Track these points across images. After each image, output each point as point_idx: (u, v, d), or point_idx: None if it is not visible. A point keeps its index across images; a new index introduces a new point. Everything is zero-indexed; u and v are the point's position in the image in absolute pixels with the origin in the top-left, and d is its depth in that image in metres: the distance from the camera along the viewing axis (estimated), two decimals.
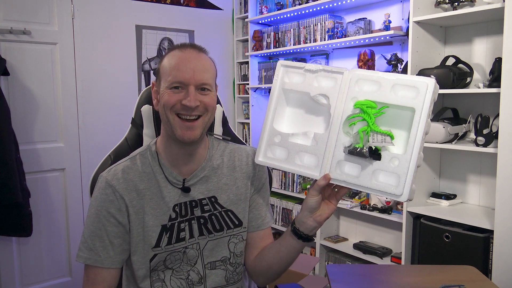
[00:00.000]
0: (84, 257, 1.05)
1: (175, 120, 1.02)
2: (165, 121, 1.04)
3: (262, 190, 1.20)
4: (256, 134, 3.48)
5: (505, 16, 1.78)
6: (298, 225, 1.04)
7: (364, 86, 0.97)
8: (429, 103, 0.88)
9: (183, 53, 1.04)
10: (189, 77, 1.01)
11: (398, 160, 0.91)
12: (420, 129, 0.89)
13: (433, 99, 0.90)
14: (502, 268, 1.83)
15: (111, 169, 1.08)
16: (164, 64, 1.05)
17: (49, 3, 2.65)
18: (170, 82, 1.01)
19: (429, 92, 0.88)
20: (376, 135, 0.91)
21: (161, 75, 1.05)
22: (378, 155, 0.92)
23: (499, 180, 1.84)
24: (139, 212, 1.05)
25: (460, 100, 2.28)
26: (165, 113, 1.03)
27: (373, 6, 2.75)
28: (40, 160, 2.65)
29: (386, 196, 0.92)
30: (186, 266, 1.09)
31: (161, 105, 1.04)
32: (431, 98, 0.88)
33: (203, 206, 1.11)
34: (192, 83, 1.01)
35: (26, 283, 2.64)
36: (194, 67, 1.02)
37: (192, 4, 3.36)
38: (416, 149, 0.89)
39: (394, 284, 1.16)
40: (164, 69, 1.04)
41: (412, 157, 0.90)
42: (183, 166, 1.10)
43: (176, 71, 1.01)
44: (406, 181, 0.90)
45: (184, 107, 1.00)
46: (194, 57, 1.04)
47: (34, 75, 2.61)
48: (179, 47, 1.06)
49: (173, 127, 1.02)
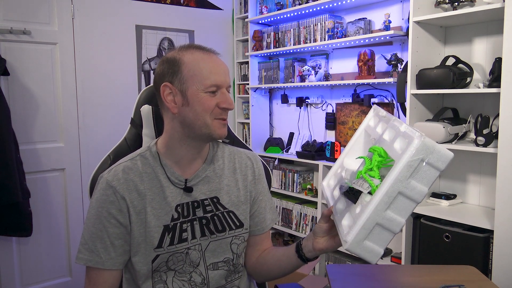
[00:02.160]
0: (85, 259, 1.04)
1: (214, 122, 1.04)
2: (201, 124, 1.03)
3: (263, 193, 1.22)
4: (256, 134, 3.48)
5: (505, 16, 1.78)
6: (303, 244, 1.08)
7: None
8: (408, 160, 0.77)
9: (210, 56, 1.06)
10: (224, 80, 1.05)
11: (361, 207, 0.86)
12: (388, 183, 0.79)
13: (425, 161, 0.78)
14: (502, 268, 1.83)
15: (111, 169, 1.08)
16: (192, 66, 1.02)
17: (49, 3, 2.65)
18: (208, 85, 1.02)
19: (412, 149, 0.77)
20: (362, 179, 0.87)
21: (191, 77, 1.02)
22: (355, 198, 0.89)
23: (499, 180, 1.84)
24: (141, 213, 1.05)
25: (460, 100, 2.28)
26: (202, 116, 1.03)
27: (373, 6, 2.75)
28: (40, 160, 2.65)
29: (342, 239, 0.88)
30: (189, 267, 1.08)
31: (195, 108, 1.02)
32: (412, 155, 0.77)
33: (205, 206, 1.11)
34: (225, 85, 1.05)
35: (26, 283, 2.64)
36: (225, 69, 1.06)
37: (192, 4, 3.36)
38: (376, 202, 0.80)
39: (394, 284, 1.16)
40: (195, 71, 1.02)
41: (368, 208, 0.81)
42: (187, 166, 1.10)
43: (214, 75, 1.03)
44: (354, 229, 0.83)
45: (224, 109, 1.05)
46: (220, 61, 1.07)
47: (34, 75, 2.61)
48: (200, 48, 1.06)
49: (211, 128, 1.04)
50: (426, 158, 0.77)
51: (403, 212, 0.81)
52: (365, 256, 0.85)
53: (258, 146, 3.48)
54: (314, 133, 3.23)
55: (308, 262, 1.09)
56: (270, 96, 3.58)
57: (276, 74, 3.29)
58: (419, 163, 0.78)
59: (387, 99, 2.69)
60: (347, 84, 2.85)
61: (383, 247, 0.84)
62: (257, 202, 1.19)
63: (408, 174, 0.78)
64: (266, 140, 3.48)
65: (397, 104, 2.60)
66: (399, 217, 0.81)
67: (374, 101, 2.71)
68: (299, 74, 3.09)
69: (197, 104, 1.02)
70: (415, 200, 0.80)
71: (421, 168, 0.78)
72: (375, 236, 0.83)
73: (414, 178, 0.79)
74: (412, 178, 0.78)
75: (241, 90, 3.63)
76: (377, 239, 0.83)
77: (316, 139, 3.19)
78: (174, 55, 1.05)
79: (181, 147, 1.08)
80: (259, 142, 3.50)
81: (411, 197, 0.80)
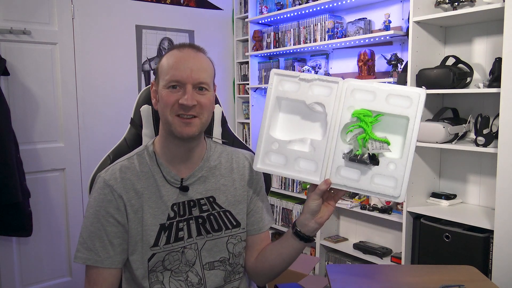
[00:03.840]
0: (84, 258, 1.04)
1: (174, 119, 1.03)
2: (164, 120, 1.05)
3: (261, 193, 1.22)
4: (256, 134, 3.48)
5: (505, 16, 1.78)
6: (300, 227, 1.07)
7: (359, 95, 1.00)
8: (421, 111, 0.95)
9: (181, 52, 1.06)
10: (187, 76, 1.02)
11: (395, 164, 0.97)
12: (414, 136, 0.95)
13: None
14: (502, 268, 1.83)
15: (109, 169, 1.09)
16: (163, 63, 1.06)
17: (49, 3, 2.65)
18: (168, 81, 1.02)
19: (421, 102, 0.96)
20: (375, 142, 0.97)
21: (159, 74, 1.07)
22: (377, 161, 0.97)
23: (499, 180, 1.84)
24: (138, 211, 1.06)
25: (460, 100, 2.28)
26: (164, 112, 1.04)
27: (373, 6, 2.75)
28: (40, 160, 2.65)
29: (385, 198, 0.96)
30: (185, 267, 1.09)
31: (160, 104, 1.06)
32: (423, 107, 0.96)
33: (202, 206, 1.11)
34: (190, 81, 1.02)
35: (26, 283, 2.64)
36: (192, 66, 1.03)
37: (192, 4, 3.36)
38: (411, 154, 0.95)
39: (394, 284, 1.16)
40: (162, 68, 1.05)
41: (407, 161, 0.96)
42: (181, 165, 1.10)
43: (174, 70, 1.02)
44: (403, 183, 0.96)
45: (182, 106, 1.01)
46: (191, 56, 1.05)
47: (34, 75, 2.61)
48: (177, 47, 1.08)
49: (172, 125, 1.03)
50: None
51: None
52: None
53: None
54: None
55: (310, 241, 1.08)
56: None
57: None
58: None
59: None
60: None
61: None
62: (253, 201, 1.19)
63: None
64: None
65: None
66: None
67: None
68: None
69: (161, 100, 1.05)
70: None
71: None
72: None
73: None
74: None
75: (241, 90, 3.63)
76: None
77: None
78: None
79: (169, 145, 1.09)
80: None
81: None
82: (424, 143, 2.16)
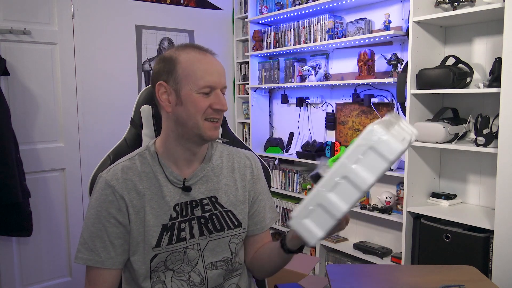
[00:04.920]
0: (84, 258, 1.04)
1: (205, 123, 1.04)
2: (192, 124, 1.03)
3: (263, 192, 1.22)
4: (256, 134, 3.48)
5: (505, 16, 1.78)
6: (288, 241, 1.07)
7: None
8: (357, 143, 0.78)
9: (205, 57, 1.05)
10: (218, 81, 1.04)
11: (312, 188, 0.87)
12: (335, 165, 0.81)
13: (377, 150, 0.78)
14: (502, 268, 1.83)
15: (110, 169, 1.08)
16: (187, 66, 1.02)
17: (49, 3, 2.65)
18: (202, 86, 1.01)
19: (362, 134, 0.78)
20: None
21: (184, 77, 1.02)
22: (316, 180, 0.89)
23: (499, 180, 1.84)
24: (140, 212, 1.05)
25: (460, 100, 2.28)
26: (194, 116, 1.02)
27: (373, 6, 2.75)
28: (40, 160, 2.65)
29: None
30: (187, 267, 1.08)
31: (186, 108, 1.03)
32: (361, 139, 0.78)
33: (204, 206, 1.11)
34: (219, 86, 1.04)
35: (26, 283, 2.64)
36: (219, 70, 1.05)
37: (192, 4, 3.36)
38: (321, 183, 0.83)
39: (394, 284, 1.16)
40: (189, 71, 1.02)
41: (314, 188, 0.85)
42: (185, 166, 1.10)
43: (208, 75, 1.02)
44: (299, 207, 0.87)
45: (217, 110, 1.03)
46: (216, 62, 1.06)
47: (34, 75, 2.61)
48: (195, 49, 1.05)
49: (201, 128, 1.03)
50: (374, 146, 0.77)
51: (346, 198, 0.81)
52: (304, 234, 0.86)
53: (258, 146, 3.48)
54: (314, 133, 3.23)
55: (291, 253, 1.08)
56: (270, 96, 3.58)
57: (276, 74, 3.29)
58: (367, 150, 0.77)
59: (387, 99, 2.69)
60: (347, 84, 2.85)
61: (323, 230, 0.84)
62: (256, 201, 1.20)
63: (354, 158, 0.78)
64: (266, 140, 3.48)
65: (397, 104, 2.60)
66: (341, 202, 0.81)
67: (374, 101, 2.71)
68: (299, 74, 3.09)
69: (190, 105, 1.02)
70: (359, 188, 0.79)
71: (368, 155, 0.77)
72: (316, 217, 0.84)
73: (360, 164, 0.78)
74: (359, 163, 0.78)
75: (241, 90, 3.63)
76: (317, 221, 0.84)
77: (316, 139, 3.19)
78: (170, 54, 1.05)
79: (177, 147, 1.08)
80: (259, 142, 3.50)
81: (355, 183, 0.79)
82: (424, 143, 2.16)
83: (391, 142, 0.76)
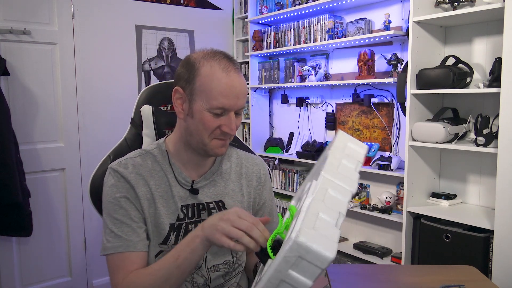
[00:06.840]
0: (115, 246, 1.00)
1: (212, 141, 1.02)
2: (199, 140, 1.03)
3: (269, 198, 1.23)
4: (255, 134, 3.48)
5: (505, 16, 1.78)
6: None
7: None
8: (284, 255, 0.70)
9: (229, 77, 0.99)
10: (234, 103, 1.00)
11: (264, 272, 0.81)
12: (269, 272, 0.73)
13: None
14: (502, 268, 1.83)
15: (121, 161, 1.07)
16: (205, 81, 0.99)
17: (49, 3, 2.65)
18: (215, 107, 0.98)
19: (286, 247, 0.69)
20: None
21: (199, 91, 0.99)
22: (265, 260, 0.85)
23: (499, 180, 1.84)
24: (151, 205, 1.05)
25: (460, 100, 2.28)
26: (201, 133, 1.01)
27: (373, 6, 2.75)
28: (40, 160, 2.65)
29: None
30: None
31: (195, 123, 1.01)
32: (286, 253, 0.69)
33: (211, 210, 1.11)
34: (234, 109, 1.01)
35: (26, 283, 2.64)
36: (238, 93, 1.00)
37: (192, 4, 3.36)
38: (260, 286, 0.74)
39: (394, 284, 1.16)
40: (206, 87, 0.99)
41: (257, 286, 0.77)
42: (194, 168, 1.11)
43: (223, 97, 0.98)
44: None
45: (224, 133, 1.01)
46: (238, 82, 1.01)
47: (34, 75, 2.61)
48: (222, 63, 1.01)
49: (208, 145, 1.03)
50: (303, 256, 0.71)
51: None
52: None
53: (258, 146, 3.48)
54: (314, 133, 3.23)
55: None
56: (270, 96, 3.58)
57: (276, 74, 3.29)
58: (297, 259, 0.71)
59: (387, 99, 2.69)
60: (347, 84, 2.85)
61: None
62: (262, 208, 1.21)
63: (287, 267, 0.72)
64: (266, 140, 3.48)
65: (397, 104, 2.60)
66: None
67: (374, 101, 2.71)
68: (299, 74, 3.09)
69: (199, 121, 1.00)
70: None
71: (300, 263, 0.72)
72: None
73: (295, 270, 0.72)
74: (293, 270, 0.72)
75: None
76: None
77: (316, 139, 3.19)
78: (195, 60, 1.02)
79: (187, 151, 1.08)
80: (259, 142, 3.50)
81: (295, 285, 0.73)
82: (424, 143, 2.16)
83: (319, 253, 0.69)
